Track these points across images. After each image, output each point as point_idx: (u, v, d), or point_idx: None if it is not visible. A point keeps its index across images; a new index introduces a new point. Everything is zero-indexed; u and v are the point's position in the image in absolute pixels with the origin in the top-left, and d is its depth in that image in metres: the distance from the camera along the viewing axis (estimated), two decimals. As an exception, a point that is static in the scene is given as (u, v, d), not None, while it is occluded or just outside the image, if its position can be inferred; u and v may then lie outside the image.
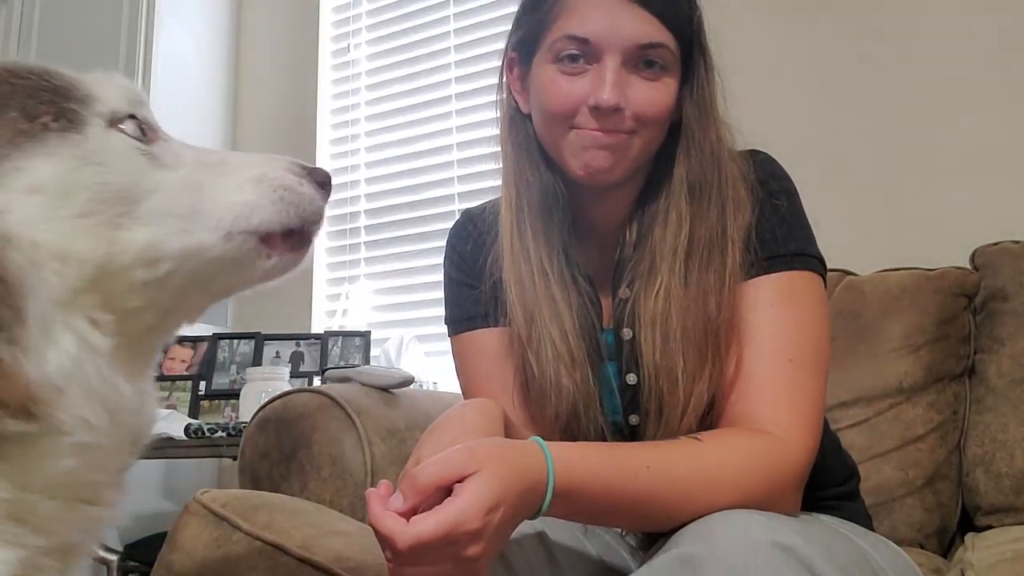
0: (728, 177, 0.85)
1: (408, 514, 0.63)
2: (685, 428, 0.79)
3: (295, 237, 0.61)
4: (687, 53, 0.86)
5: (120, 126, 0.55)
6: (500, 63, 0.94)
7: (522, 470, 0.66)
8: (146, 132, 0.56)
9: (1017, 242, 1.39)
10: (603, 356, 0.89)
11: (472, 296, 0.96)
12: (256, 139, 2.78)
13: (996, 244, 1.41)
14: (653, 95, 0.83)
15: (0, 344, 0.43)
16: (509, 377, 0.91)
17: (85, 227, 0.48)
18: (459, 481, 0.63)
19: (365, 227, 2.53)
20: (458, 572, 0.64)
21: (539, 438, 0.70)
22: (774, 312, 0.81)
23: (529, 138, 0.91)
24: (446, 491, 0.64)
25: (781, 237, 0.84)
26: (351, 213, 2.56)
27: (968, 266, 1.42)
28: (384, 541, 0.63)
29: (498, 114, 0.95)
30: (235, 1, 2.88)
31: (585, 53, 0.83)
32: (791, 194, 0.87)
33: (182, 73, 2.68)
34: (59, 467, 0.46)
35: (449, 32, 2.45)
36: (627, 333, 0.87)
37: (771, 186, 0.86)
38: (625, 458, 0.71)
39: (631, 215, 0.90)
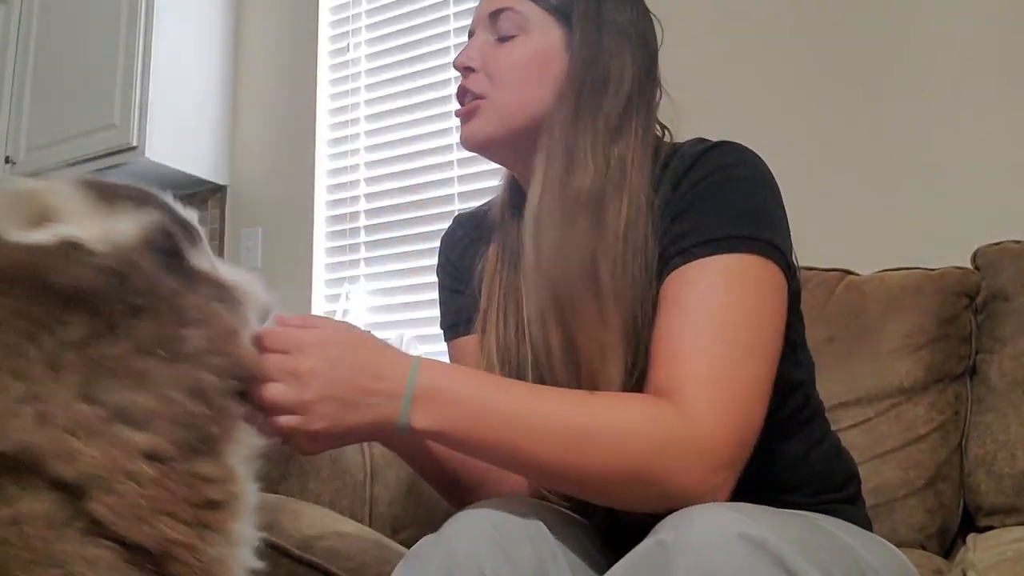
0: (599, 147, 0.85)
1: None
2: None
3: None
4: (561, 14, 0.89)
5: None
6: None
7: (378, 350, 0.71)
8: None
9: (1018, 242, 1.39)
10: None
11: (460, 302, 0.98)
12: (256, 139, 2.78)
13: (997, 244, 1.40)
14: (498, 54, 0.89)
15: None
16: None
17: None
18: None
19: (365, 227, 2.53)
20: (294, 416, 0.68)
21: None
22: (713, 293, 0.77)
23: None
24: None
25: (729, 220, 0.80)
26: (351, 213, 2.56)
27: (969, 266, 1.42)
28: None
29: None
30: (235, 1, 2.88)
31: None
32: (750, 180, 0.84)
33: (182, 73, 2.68)
34: None
35: (449, 32, 2.44)
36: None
37: (729, 172, 0.83)
38: (501, 385, 0.73)
39: None
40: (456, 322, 0.99)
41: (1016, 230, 1.44)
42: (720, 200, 0.81)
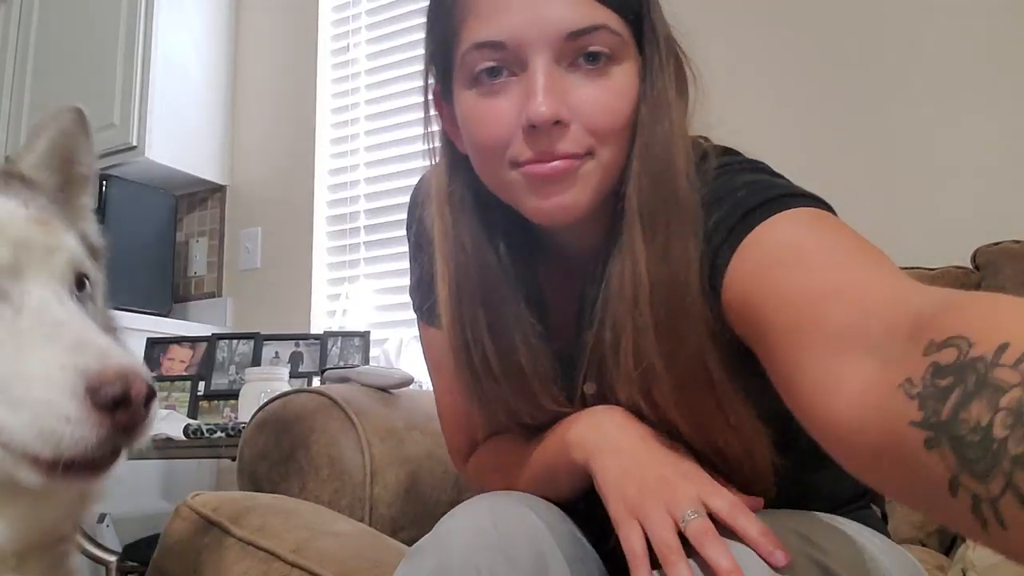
0: (683, 194, 0.67)
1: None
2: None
3: (75, 464, 0.53)
4: (639, 33, 0.68)
5: None
6: (423, 94, 0.77)
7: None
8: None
9: (1018, 242, 1.39)
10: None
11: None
12: (256, 139, 2.78)
13: (997, 244, 1.40)
14: (604, 97, 0.66)
15: None
16: None
17: None
18: None
19: (365, 227, 2.53)
20: None
21: None
22: (794, 256, 0.59)
23: (469, 187, 0.75)
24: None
25: (774, 186, 0.66)
26: (351, 213, 2.56)
27: (969, 266, 1.42)
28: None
29: (430, 163, 0.76)
30: (235, 1, 2.88)
31: (505, 61, 0.66)
32: (765, 170, 0.72)
33: (182, 73, 2.68)
34: None
35: (449, 31, 2.44)
36: (590, 387, 0.77)
37: (736, 164, 0.71)
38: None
39: (601, 243, 0.72)
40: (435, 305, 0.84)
41: (1016, 230, 1.44)
42: (739, 185, 0.67)
